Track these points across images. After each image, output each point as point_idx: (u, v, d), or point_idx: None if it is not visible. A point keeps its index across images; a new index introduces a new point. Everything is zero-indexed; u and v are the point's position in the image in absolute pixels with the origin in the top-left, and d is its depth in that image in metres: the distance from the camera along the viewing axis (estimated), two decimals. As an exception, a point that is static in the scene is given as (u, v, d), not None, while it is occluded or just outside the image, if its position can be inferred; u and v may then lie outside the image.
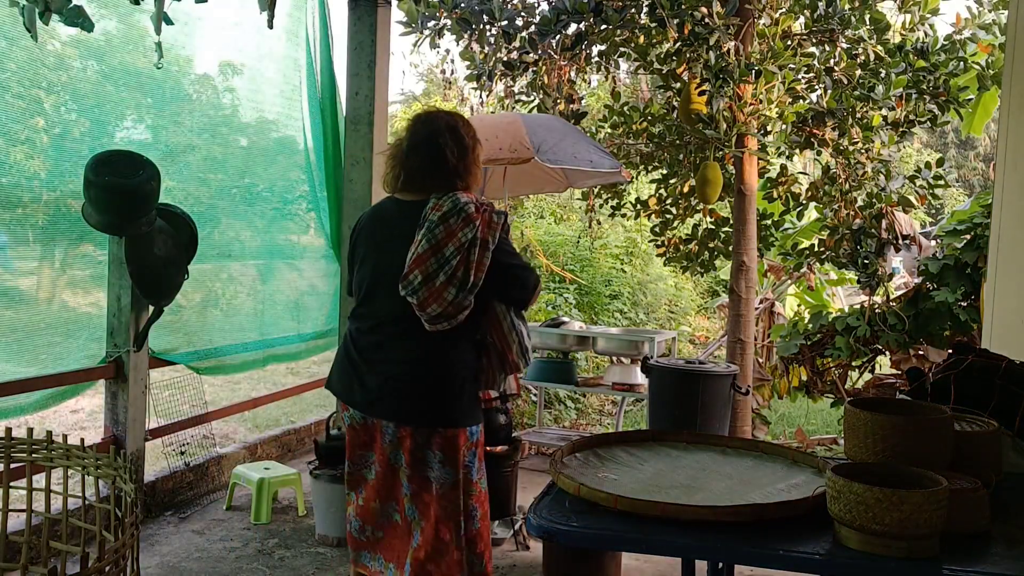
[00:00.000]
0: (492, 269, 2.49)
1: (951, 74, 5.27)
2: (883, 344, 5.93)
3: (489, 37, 5.29)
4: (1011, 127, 3.72)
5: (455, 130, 2.60)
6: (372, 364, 2.56)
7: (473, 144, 2.66)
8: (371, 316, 2.60)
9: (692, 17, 4.57)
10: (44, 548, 2.56)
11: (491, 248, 2.49)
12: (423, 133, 2.60)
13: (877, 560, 1.39)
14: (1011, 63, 3.75)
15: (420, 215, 2.50)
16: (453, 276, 2.42)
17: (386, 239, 2.60)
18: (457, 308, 2.45)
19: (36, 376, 3.65)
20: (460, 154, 2.58)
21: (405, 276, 2.42)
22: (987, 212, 5.36)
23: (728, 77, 4.49)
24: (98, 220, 3.60)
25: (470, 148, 2.63)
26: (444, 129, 2.59)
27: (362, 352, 2.59)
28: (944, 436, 1.71)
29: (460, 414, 2.55)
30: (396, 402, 2.51)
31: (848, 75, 5.13)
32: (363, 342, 2.60)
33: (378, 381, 2.53)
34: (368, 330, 2.60)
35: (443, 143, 2.56)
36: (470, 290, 2.45)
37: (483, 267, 2.46)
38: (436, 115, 2.65)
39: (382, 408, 2.53)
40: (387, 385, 2.52)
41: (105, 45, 3.92)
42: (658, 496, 1.64)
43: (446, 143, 2.57)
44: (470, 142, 2.64)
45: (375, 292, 2.60)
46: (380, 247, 2.61)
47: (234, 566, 3.71)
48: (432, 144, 2.57)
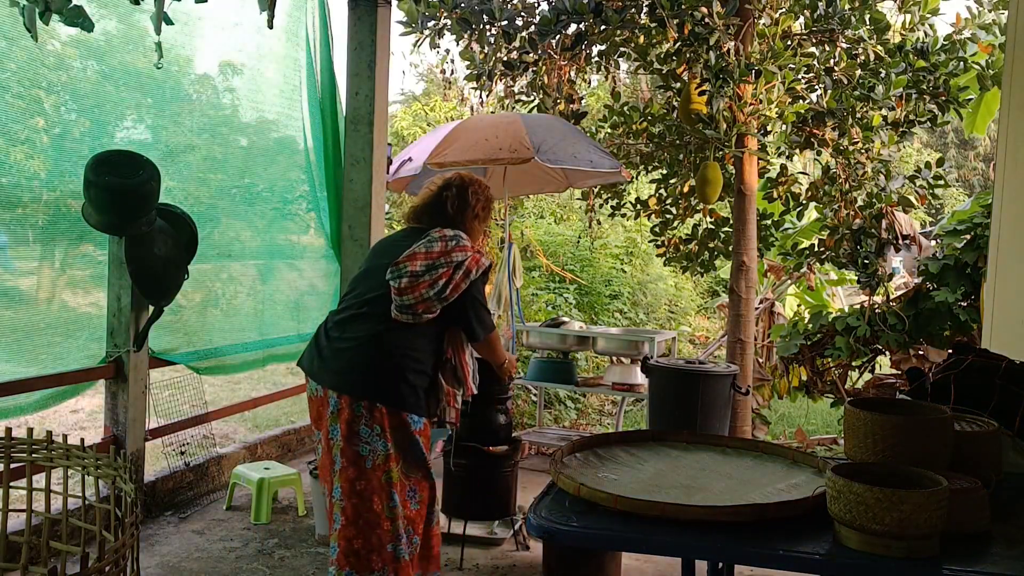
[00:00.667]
0: (463, 299, 2.85)
1: (951, 74, 5.27)
2: (883, 344, 5.93)
3: (489, 37, 5.29)
4: (1011, 127, 3.72)
5: (463, 189, 3.06)
6: (331, 339, 2.87)
7: (475, 204, 3.07)
8: (346, 301, 2.95)
9: (692, 17, 4.57)
10: (44, 548, 2.56)
11: (471, 279, 2.85)
12: (438, 183, 3.11)
13: (877, 560, 1.39)
14: (1011, 63, 3.75)
15: (421, 236, 2.90)
16: (436, 281, 2.77)
17: (385, 249, 2.98)
18: (426, 308, 2.78)
19: (36, 376, 3.64)
20: (460, 207, 3.04)
21: (397, 263, 2.77)
22: (987, 212, 5.36)
23: (728, 77, 4.49)
24: (98, 220, 3.59)
25: (471, 206, 3.05)
26: (453, 184, 3.07)
27: (328, 329, 2.91)
28: (944, 436, 1.71)
29: (399, 397, 2.77)
30: (339, 373, 2.79)
31: (848, 75, 5.13)
32: (331, 321, 2.93)
33: (331, 352, 2.84)
34: (339, 311, 2.94)
35: (447, 195, 3.04)
36: (442, 300, 2.79)
37: (459, 289, 2.82)
38: (456, 175, 3.14)
39: (328, 376, 2.81)
40: (337, 356, 2.82)
41: (105, 45, 3.92)
42: (658, 496, 1.64)
43: (450, 195, 3.04)
44: (473, 202, 3.06)
45: (358, 284, 2.96)
46: (378, 254, 3.00)
47: (234, 566, 3.71)
48: (439, 193, 3.07)
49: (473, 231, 3.09)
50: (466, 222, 3.06)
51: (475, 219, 3.10)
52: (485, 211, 3.14)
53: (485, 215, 3.15)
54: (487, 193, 3.17)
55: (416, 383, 2.83)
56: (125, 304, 4.01)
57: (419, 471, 2.85)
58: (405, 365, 2.80)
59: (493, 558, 3.92)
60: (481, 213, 3.12)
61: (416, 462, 2.83)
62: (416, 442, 2.81)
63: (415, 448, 2.82)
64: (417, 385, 2.84)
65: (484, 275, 2.94)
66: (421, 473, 2.85)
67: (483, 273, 2.92)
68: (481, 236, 3.18)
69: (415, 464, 2.83)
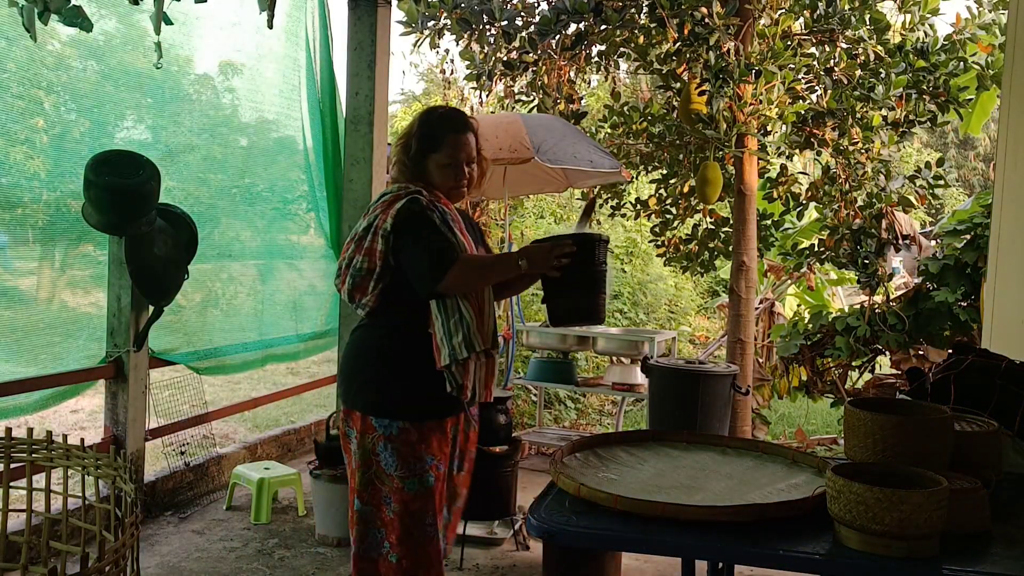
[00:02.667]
0: (397, 259, 2.43)
1: (951, 74, 5.27)
2: (883, 344, 5.93)
3: (489, 37, 5.29)
4: (1011, 127, 3.72)
5: (408, 127, 2.61)
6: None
7: (411, 135, 2.57)
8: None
9: (692, 17, 4.57)
10: (44, 548, 2.56)
11: (387, 230, 2.40)
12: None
13: (877, 560, 1.39)
14: (1011, 63, 3.75)
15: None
16: (351, 262, 2.48)
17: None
18: (357, 291, 2.47)
19: (36, 376, 3.64)
20: (400, 151, 2.59)
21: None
22: (987, 212, 5.36)
23: (728, 77, 4.49)
24: (98, 220, 3.60)
25: (406, 141, 2.58)
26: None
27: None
28: (944, 436, 1.71)
29: (355, 396, 2.52)
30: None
31: (848, 75, 5.13)
32: None
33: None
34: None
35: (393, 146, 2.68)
36: (372, 275, 2.45)
37: (375, 253, 2.42)
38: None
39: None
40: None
41: (105, 45, 3.92)
42: (658, 496, 1.64)
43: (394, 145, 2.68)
44: (411, 134, 2.58)
45: None
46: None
47: (234, 566, 3.71)
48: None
49: (429, 172, 2.54)
50: (413, 165, 2.55)
51: (418, 155, 2.54)
52: (430, 138, 2.52)
53: (432, 144, 2.52)
54: (435, 113, 2.60)
55: (378, 376, 2.50)
56: (125, 304, 4.01)
57: (397, 479, 2.47)
58: (363, 359, 2.54)
59: (493, 558, 3.92)
60: (419, 144, 2.53)
61: (394, 470, 2.47)
62: (387, 449, 2.46)
63: (387, 455, 2.47)
64: (380, 381, 2.49)
65: (413, 216, 2.41)
66: (402, 483, 2.47)
67: (408, 215, 2.40)
68: (457, 178, 2.56)
69: (392, 473, 2.47)
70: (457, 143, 2.53)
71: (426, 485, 2.47)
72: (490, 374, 2.55)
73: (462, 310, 2.43)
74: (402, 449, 2.45)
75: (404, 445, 2.45)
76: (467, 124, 2.58)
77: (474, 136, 2.58)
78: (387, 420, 2.46)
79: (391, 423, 2.45)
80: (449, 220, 2.48)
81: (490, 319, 2.50)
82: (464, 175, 2.56)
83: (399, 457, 2.45)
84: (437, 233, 2.41)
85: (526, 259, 2.40)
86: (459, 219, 2.57)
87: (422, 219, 2.41)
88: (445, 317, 2.43)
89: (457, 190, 2.58)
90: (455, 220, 2.52)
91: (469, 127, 2.58)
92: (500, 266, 2.53)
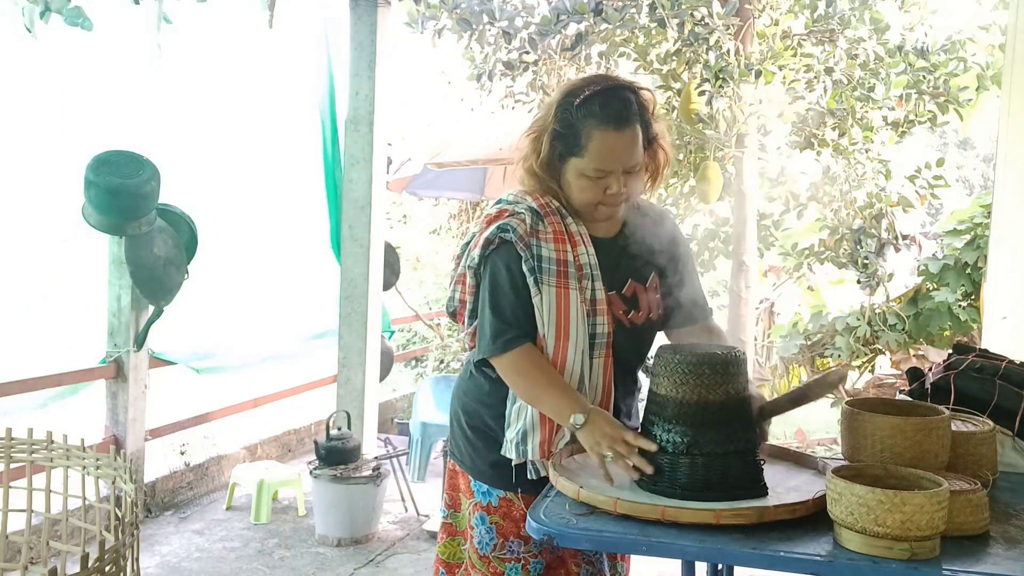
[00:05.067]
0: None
1: (951, 74, 5.27)
2: (883, 344, 5.93)
3: (489, 37, 5.28)
4: (1011, 127, 3.71)
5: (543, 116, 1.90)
6: None
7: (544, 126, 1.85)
8: None
9: (692, 17, 4.56)
10: (44, 548, 2.56)
11: (473, 262, 1.85)
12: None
13: (879, 562, 1.39)
14: (1011, 63, 3.75)
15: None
16: (452, 293, 1.97)
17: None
18: (457, 320, 1.96)
19: (36, 376, 3.65)
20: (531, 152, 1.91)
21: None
22: (987, 212, 5.36)
23: (728, 77, 4.48)
24: (98, 220, 3.60)
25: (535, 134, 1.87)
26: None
27: None
28: (942, 437, 1.71)
29: (456, 449, 1.99)
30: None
31: (848, 75, 5.13)
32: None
33: None
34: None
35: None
36: (454, 306, 1.95)
37: (464, 283, 1.90)
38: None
39: None
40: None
41: (104, 45, 3.92)
42: (658, 499, 1.63)
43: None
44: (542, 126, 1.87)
45: None
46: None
47: (234, 566, 3.71)
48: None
49: (566, 183, 1.84)
50: (545, 171, 1.86)
51: (551, 158, 1.82)
52: (570, 137, 1.77)
53: (572, 144, 1.78)
54: (580, 94, 1.77)
55: (474, 430, 1.95)
56: (125, 304, 4.01)
57: (495, 565, 1.88)
58: (463, 408, 1.99)
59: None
60: (553, 142, 1.80)
61: (489, 550, 1.89)
62: (483, 521, 1.90)
63: (483, 530, 1.90)
64: (477, 437, 1.94)
65: (506, 249, 1.81)
66: (501, 567, 1.87)
67: (496, 244, 1.82)
68: (605, 194, 1.80)
69: (485, 554, 1.89)
70: (608, 144, 1.76)
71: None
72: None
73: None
74: (504, 525, 1.89)
75: (494, 516, 1.90)
76: (629, 112, 1.77)
77: (642, 128, 1.80)
78: (486, 487, 1.91)
79: (490, 491, 1.91)
80: (547, 261, 1.80)
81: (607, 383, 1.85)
82: (619, 189, 1.79)
83: (498, 534, 1.89)
84: (508, 294, 1.80)
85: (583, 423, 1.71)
86: (565, 259, 1.82)
87: (509, 255, 1.81)
88: (512, 393, 1.86)
89: (608, 207, 1.83)
90: (562, 265, 1.80)
91: (632, 116, 1.78)
92: (549, 401, 1.78)
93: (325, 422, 4.32)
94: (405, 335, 9.08)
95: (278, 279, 5.33)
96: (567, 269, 1.81)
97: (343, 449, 4.13)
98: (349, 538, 4.01)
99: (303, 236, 5.52)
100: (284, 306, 5.34)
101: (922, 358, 5.63)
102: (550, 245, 1.81)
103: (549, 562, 1.88)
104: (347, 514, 3.99)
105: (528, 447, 1.81)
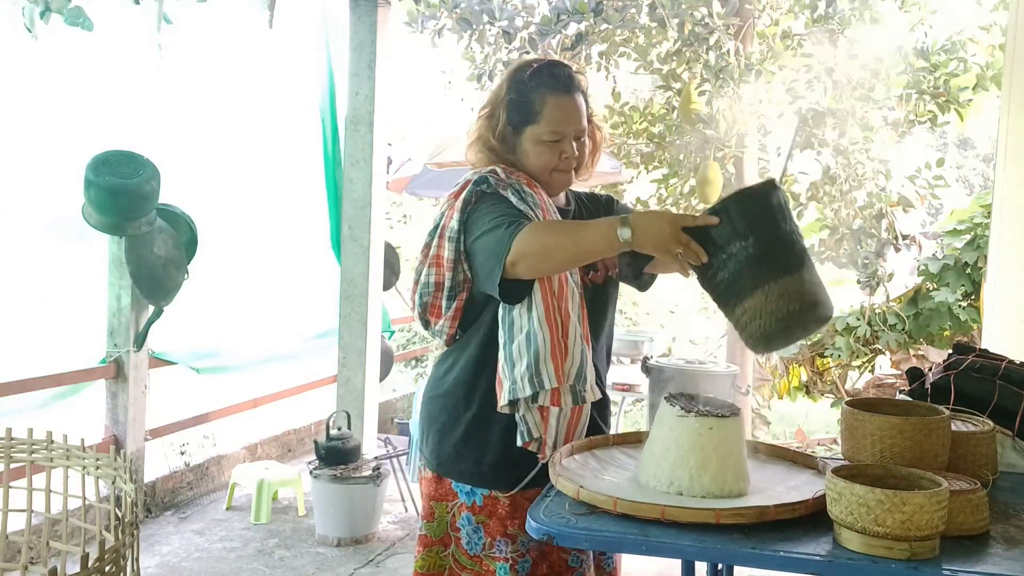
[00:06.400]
0: (464, 261, 1.84)
1: (951, 74, 5.27)
2: (883, 344, 5.94)
3: (489, 37, 5.29)
4: (1011, 127, 3.71)
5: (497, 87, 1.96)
6: None
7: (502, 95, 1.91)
8: None
9: (692, 17, 4.57)
10: (44, 548, 2.56)
11: (449, 236, 1.82)
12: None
13: (879, 562, 1.39)
14: (1011, 63, 3.74)
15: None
16: (420, 274, 1.92)
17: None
18: (429, 313, 1.91)
19: (36, 376, 3.65)
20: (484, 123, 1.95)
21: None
22: (987, 212, 5.36)
23: (728, 77, 4.49)
24: (98, 220, 3.60)
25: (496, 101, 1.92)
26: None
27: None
28: (942, 437, 1.71)
29: (432, 454, 1.95)
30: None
31: (848, 75, 5.13)
32: None
33: None
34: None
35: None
36: (429, 292, 1.90)
37: (441, 261, 1.85)
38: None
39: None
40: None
41: (104, 45, 3.92)
42: (658, 498, 1.63)
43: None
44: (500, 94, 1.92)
45: None
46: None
47: (234, 566, 3.71)
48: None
49: (524, 152, 1.88)
50: (502, 144, 1.90)
51: (507, 129, 1.88)
52: (524, 106, 1.85)
53: (527, 112, 1.85)
54: (528, 69, 1.87)
55: (451, 428, 1.92)
56: (125, 304, 4.01)
57: (487, 564, 1.87)
58: (439, 404, 1.96)
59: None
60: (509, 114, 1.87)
61: (479, 550, 1.89)
62: (471, 523, 1.89)
63: (471, 529, 1.90)
64: (456, 433, 1.91)
65: (481, 199, 1.82)
66: (493, 566, 1.86)
67: (477, 200, 1.82)
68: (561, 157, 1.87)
69: (476, 553, 1.90)
70: (562, 108, 1.85)
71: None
72: (571, 428, 1.88)
73: (533, 326, 1.75)
74: (490, 524, 1.87)
75: (486, 517, 1.88)
76: (574, 82, 1.89)
77: (584, 98, 1.91)
78: (469, 487, 1.89)
79: (473, 490, 1.89)
80: (531, 201, 1.81)
81: (577, 348, 1.79)
82: (572, 152, 1.87)
83: (486, 533, 1.88)
84: (509, 208, 1.78)
85: (631, 228, 1.60)
86: (549, 210, 1.85)
87: (493, 199, 1.81)
88: (509, 336, 1.78)
89: (562, 174, 1.90)
90: (542, 208, 1.82)
91: (577, 86, 1.89)
92: (590, 233, 1.69)
93: (325, 422, 4.32)
94: (405, 335, 9.09)
95: (278, 279, 5.33)
96: (552, 216, 1.86)
97: (343, 449, 4.13)
98: (349, 538, 4.02)
99: (303, 236, 5.51)
100: (284, 306, 5.35)
101: (922, 358, 5.64)
102: (529, 190, 1.84)
103: (535, 558, 1.88)
104: (347, 514, 4.00)
105: (544, 377, 1.74)
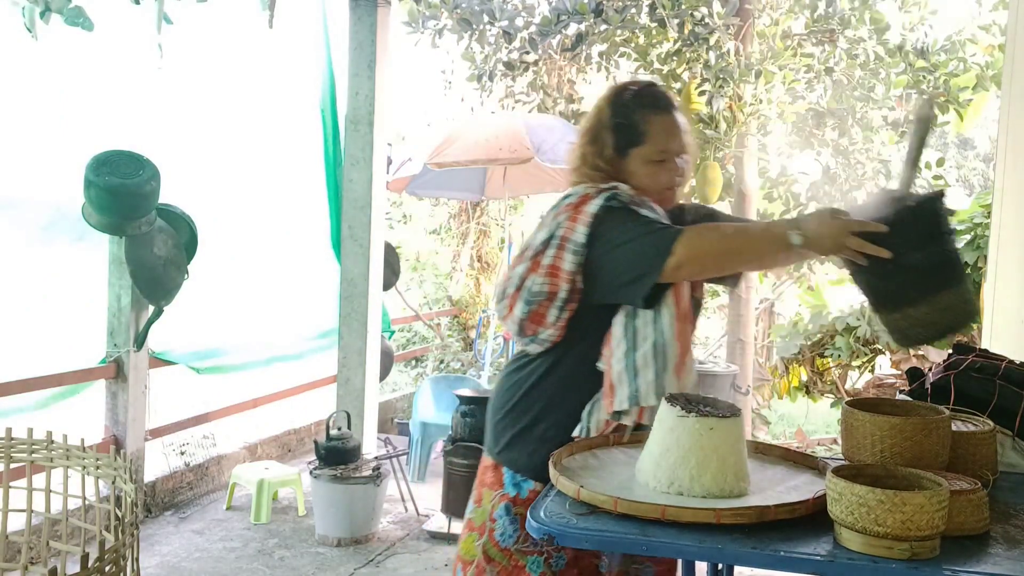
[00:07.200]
0: (596, 273, 1.80)
1: (951, 74, 5.27)
2: (883, 344, 5.94)
3: (489, 37, 5.29)
4: (1011, 127, 3.71)
5: (599, 108, 1.96)
6: None
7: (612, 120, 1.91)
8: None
9: (692, 17, 4.57)
10: (44, 548, 2.56)
11: (572, 248, 1.78)
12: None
13: (879, 562, 1.39)
14: (1011, 63, 3.74)
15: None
16: (522, 281, 1.87)
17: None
18: (532, 320, 1.86)
19: (36, 376, 3.65)
20: (591, 139, 1.95)
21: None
22: (987, 212, 5.36)
23: (728, 77, 4.49)
24: (98, 220, 3.60)
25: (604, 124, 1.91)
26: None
27: None
28: (943, 437, 1.71)
29: (494, 440, 1.96)
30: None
31: (848, 75, 5.13)
32: None
33: None
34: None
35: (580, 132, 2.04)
36: (538, 300, 1.83)
37: (558, 272, 1.80)
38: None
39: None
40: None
41: (105, 45, 3.92)
42: (658, 498, 1.63)
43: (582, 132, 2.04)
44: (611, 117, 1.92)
45: None
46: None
47: (234, 566, 3.71)
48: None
49: (631, 174, 1.88)
50: (611, 166, 1.88)
51: (616, 152, 1.88)
52: (630, 128, 1.87)
53: (634, 134, 1.86)
54: (627, 93, 1.91)
55: (525, 424, 1.91)
56: (125, 304, 4.01)
57: (517, 558, 1.86)
58: (520, 400, 1.94)
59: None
60: (616, 137, 1.87)
61: (511, 543, 1.88)
62: (508, 513, 1.89)
63: (506, 522, 1.90)
64: (527, 429, 1.91)
65: (616, 212, 1.79)
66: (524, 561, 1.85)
67: (609, 214, 1.78)
68: (671, 176, 1.90)
69: (507, 547, 1.88)
70: (665, 128, 1.88)
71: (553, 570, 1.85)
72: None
73: (663, 337, 1.74)
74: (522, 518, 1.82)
75: (522, 508, 1.87)
76: (671, 101, 1.93)
77: (682, 116, 1.94)
78: (519, 476, 1.92)
79: (521, 482, 1.91)
80: (661, 214, 1.83)
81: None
82: (680, 170, 1.92)
83: (522, 526, 1.83)
84: (652, 218, 1.78)
85: (802, 233, 1.63)
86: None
87: (626, 211, 1.79)
88: (631, 344, 1.76)
89: (672, 191, 1.93)
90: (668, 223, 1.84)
91: (673, 104, 1.93)
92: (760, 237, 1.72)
93: (325, 422, 4.32)
94: (405, 335, 9.08)
95: (278, 279, 5.33)
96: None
97: (343, 449, 4.13)
98: (349, 538, 4.02)
99: (303, 236, 5.52)
100: (284, 306, 5.35)
101: (922, 358, 5.63)
102: (654, 205, 1.84)
103: (570, 558, 1.85)
104: (347, 514, 4.00)
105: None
